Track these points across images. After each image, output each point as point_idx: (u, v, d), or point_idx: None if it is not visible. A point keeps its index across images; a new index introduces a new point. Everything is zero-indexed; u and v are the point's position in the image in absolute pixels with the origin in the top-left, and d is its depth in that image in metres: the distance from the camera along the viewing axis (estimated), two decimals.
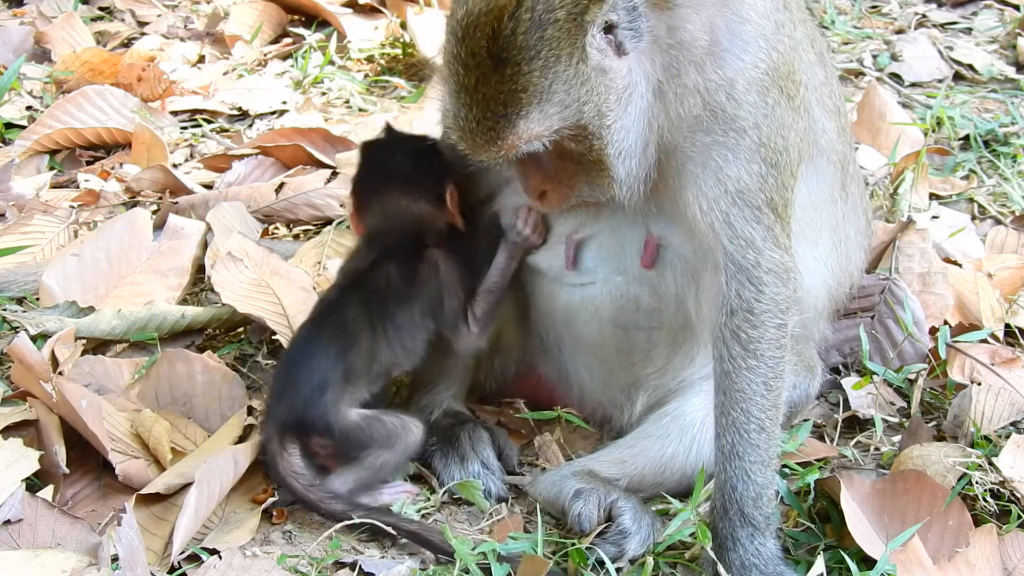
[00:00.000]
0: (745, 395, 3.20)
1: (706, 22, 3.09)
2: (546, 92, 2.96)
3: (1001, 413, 3.73)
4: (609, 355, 3.64)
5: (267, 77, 6.21)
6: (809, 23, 3.62)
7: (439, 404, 3.82)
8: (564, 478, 3.48)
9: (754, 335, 3.20)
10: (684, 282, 3.44)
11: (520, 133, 3.00)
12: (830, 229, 3.67)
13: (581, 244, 3.53)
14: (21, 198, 5.01)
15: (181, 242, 4.52)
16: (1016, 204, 5.03)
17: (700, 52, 3.09)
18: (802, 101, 3.27)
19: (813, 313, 3.69)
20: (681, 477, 3.50)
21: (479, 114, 3.00)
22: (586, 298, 3.57)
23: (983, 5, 6.93)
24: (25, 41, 6.46)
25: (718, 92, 3.10)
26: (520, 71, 2.94)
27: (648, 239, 3.42)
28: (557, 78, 2.95)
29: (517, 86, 2.95)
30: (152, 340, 4.09)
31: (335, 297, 3.63)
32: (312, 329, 3.57)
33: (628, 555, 3.30)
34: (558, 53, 2.94)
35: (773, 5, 3.21)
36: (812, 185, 3.50)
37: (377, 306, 3.56)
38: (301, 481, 3.41)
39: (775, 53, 3.16)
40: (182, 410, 3.81)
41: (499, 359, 3.88)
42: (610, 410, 3.75)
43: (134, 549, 3.09)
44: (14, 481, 3.28)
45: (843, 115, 3.74)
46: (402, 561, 3.31)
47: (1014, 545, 3.31)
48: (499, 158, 3.08)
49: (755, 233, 3.16)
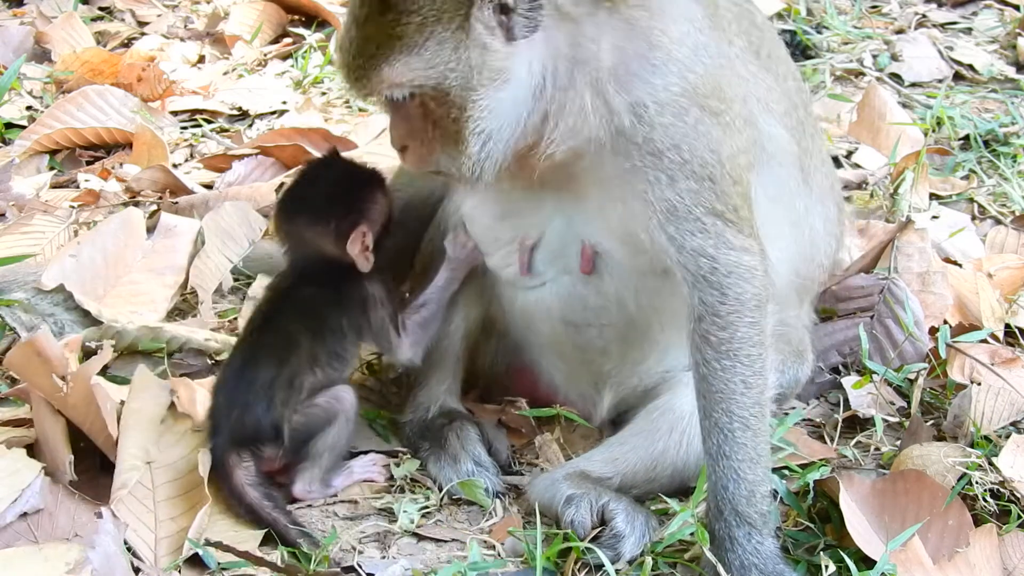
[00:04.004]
0: (724, 395, 3.20)
1: (613, 45, 3.11)
2: (417, 47, 3.03)
3: (1001, 413, 3.73)
4: (567, 352, 3.66)
5: (267, 77, 6.21)
6: (758, 31, 3.63)
7: (435, 400, 3.82)
8: (556, 482, 3.48)
9: (724, 337, 3.19)
10: (623, 285, 3.46)
11: (383, 77, 3.08)
12: (790, 224, 3.66)
13: (534, 248, 3.54)
14: (21, 198, 5.00)
15: (175, 240, 4.53)
16: (1016, 204, 5.03)
17: (603, 73, 3.11)
18: (736, 115, 3.26)
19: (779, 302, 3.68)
20: (673, 472, 3.50)
21: (355, 50, 3.11)
22: (539, 299, 3.60)
23: (983, 5, 6.94)
24: (25, 41, 6.46)
25: (622, 116, 3.11)
26: (399, 20, 3.01)
27: (584, 247, 3.44)
28: (432, 37, 3.02)
29: (393, 33, 3.03)
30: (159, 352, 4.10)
31: (267, 311, 3.64)
32: (251, 343, 3.58)
33: (624, 557, 3.30)
34: (439, 15, 3.01)
35: (692, 27, 3.21)
36: (768, 186, 3.50)
37: (310, 314, 3.58)
38: (258, 490, 3.40)
39: (691, 75, 3.15)
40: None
41: (491, 344, 3.89)
42: (584, 405, 3.77)
43: (111, 556, 3.07)
44: (15, 489, 3.27)
45: (800, 110, 3.72)
46: (401, 561, 3.31)
47: (1014, 545, 3.31)
48: (363, 95, 3.21)
49: (703, 242, 3.16)
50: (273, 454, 3.49)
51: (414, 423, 3.82)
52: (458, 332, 3.81)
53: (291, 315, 3.58)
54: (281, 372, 3.49)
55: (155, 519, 3.36)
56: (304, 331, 3.55)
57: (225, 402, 3.50)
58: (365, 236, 3.60)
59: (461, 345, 3.84)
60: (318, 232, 3.61)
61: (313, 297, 3.60)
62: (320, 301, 3.60)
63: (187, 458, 3.50)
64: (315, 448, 3.53)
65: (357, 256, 3.60)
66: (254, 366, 3.50)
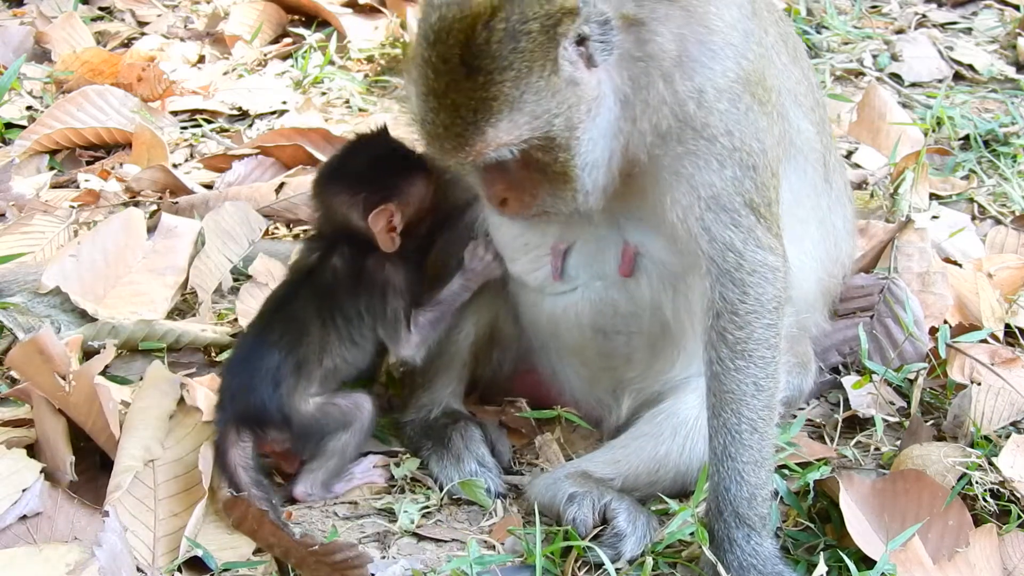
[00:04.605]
0: (735, 396, 3.20)
1: (675, 34, 3.10)
2: (517, 102, 2.96)
3: (1001, 413, 3.73)
4: (591, 358, 3.65)
5: (267, 77, 6.21)
6: (781, 23, 3.63)
7: (438, 403, 3.82)
8: (558, 481, 3.48)
9: (741, 336, 3.19)
10: (660, 289, 3.45)
11: (489, 141, 3.00)
12: (816, 222, 3.68)
13: (566, 253, 3.53)
14: (21, 198, 5.01)
15: (175, 241, 4.54)
16: (1016, 204, 5.03)
17: (669, 64, 3.10)
18: (775, 105, 3.28)
19: (805, 306, 3.69)
20: (675, 475, 3.50)
21: (447, 119, 3.00)
22: (568, 305, 3.58)
23: (983, 5, 6.94)
24: (25, 41, 6.47)
25: (687, 102, 3.11)
26: (492, 80, 2.94)
27: (625, 248, 3.43)
28: (528, 88, 2.96)
29: (488, 94, 2.95)
30: (159, 351, 4.10)
31: (284, 292, 3.64)
32: (262, 324, 3.58)
33: (625, 557, 3.31)
34: (531, 64, 2.94)
35: (740, 13, 3.22)
36: (794, 183, 3.51)
37: (326, 298, 3.57)
38: (249, 474, 3.39)
39: (744, 61, 3.17)
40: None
41: (498, 352, 3.89)
42: (598, 411, 3.76)
43: (117, 554, 3.07)
44: (15, 490, 3.28)
45: (821, 109, 3.75)
46: (401, 561, 3.31)
47: (1014, 545, 3.31)
48: (465, 164, 3.09)
49: (734, 236, 3.17)
50: (278, 438, 3.49)
51: (416, 423, 3.82)
52: (467, 339, 3.80)
53: (307, 298, 3.56)
54: (288, 358, 3.48)
55: (155, 518, 3.36)
56: (315, 317, 3.54)
57: (233, 380, 3.51)
58: (393, 216, 3.57)
59: (469, 352, 3.83)
60: (346, 202, 3.59)
61: (333, 278, 3.59)
62: (339, 284, 3.58)
63: (192, 454, 3.50)
64: (325, 449, 3.53)
65: (380, 233, 3.57)
66: (263, 348, 3.50)
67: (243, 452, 3.42)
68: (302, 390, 3.50)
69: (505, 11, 2.91)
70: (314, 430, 3.51)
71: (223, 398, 3.50)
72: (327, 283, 3.59)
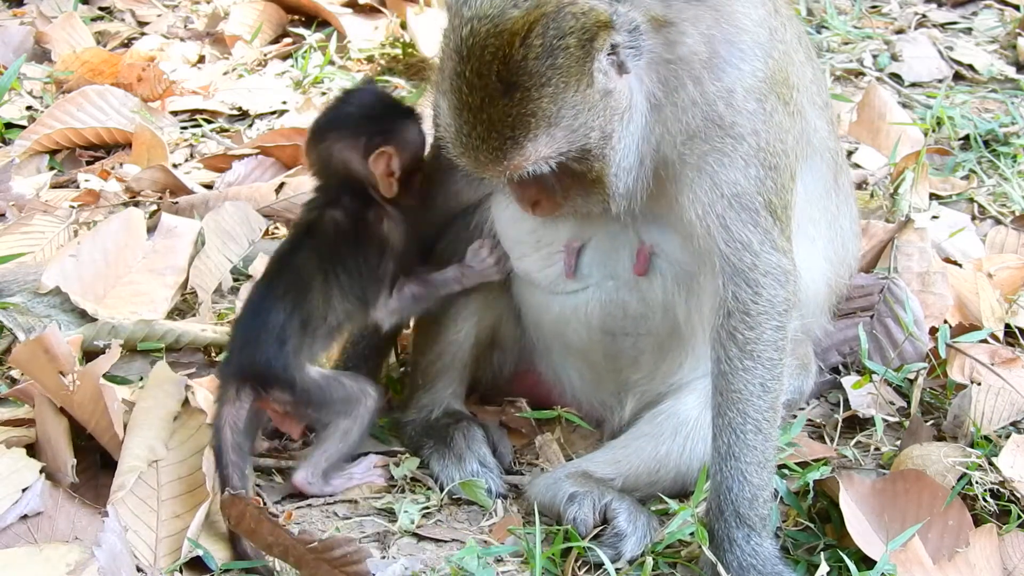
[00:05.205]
0: (741, 396, 3.20)
1: (704, 35, 3.10)
2: (555, 117, 2.97)
3: (1001, 413, 3.73)
4: (597, 360, 3.65)
5: (267, 77, 6.21)
6: (795, 20, 3.63)
7: (439, 404, 3.82)
8: (559, 481, 3.48)
9: (751, 336, 3.20)
10: (674, 289, 3.45)
11: (527, 156, 3.01)
12: (827, 224, 3.68)
13: (580, 251, 3.53)
14: (21, 198, 5.01)
15: (175, 241, 4.53)
16: (1016, 204, 5.03)
17: (699, 65, 3.10)
18: (796, 104, 3.28)
19: (814, 307, 3.70)
20: (676, 476, 3.50)
21: (483, 134, 3.00)
22: (577, 305, 3.57)
23: (983, 5, 6.93)
24: (25, 41, 6.46)
25: (717, 102, 3.11)
26: (530, 96, 2.94)
27: (641, 247, 3.43)
28: (566, 104, 2.96)
29: (526, 111, 2.95)
30: (158, 352, 4.10)
31: (287, 249, 3.64)
32: (267, 282, 3.58)
33: (625, 557, 3.31)
34: (567, 80, 2.95)
35: (766, 12, 3.23)
36: (808, 183, 3.51)
37: (327, 250, 3.57)
38: (235, 435, 3.38)
39: (771, 60, 3.17)
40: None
41: (498, 354, 3.88)
42: (601, 412, 3.76)
43: (117, 554, 3.07)
44: (15, 490, 3.27)
45: (830, 108, 3.75)
46: (401, 561, 3.31)
47: (1014, 545, 3.31)
48: (502, 177, 3.11)
49: (752, 236, 3.17)
50: (280, 398, 3.49)
51: (417, 423, 3.82)
52: (468, 340, 3.80)
53: (309, 252, 3.57)
54: (294, 314, 3.48)
55: (157, 519, 3.36)
56: (317, 271, 3.54)
57: (239, 337, 3.52)
58: (391, 159, 3.57)
59: (470, 353, 3.83)
60: (346, 146, 3.60)
61: (334, 231, 3.59)
62: (340, 236, 3.58)
63: (196, 456, 3.49)
64: (328, 431, 3.53)
65: (380, 176, 3.58)
66: (268, 303, 3.50)
67: (236, 412, 3.41)
68: (307, 348, 3.50)
69: (541, 27, 2.91)
70: (316, 396, 3.51)
71: (231, 353, 3.53)
72: (328, 236, 3.60)
